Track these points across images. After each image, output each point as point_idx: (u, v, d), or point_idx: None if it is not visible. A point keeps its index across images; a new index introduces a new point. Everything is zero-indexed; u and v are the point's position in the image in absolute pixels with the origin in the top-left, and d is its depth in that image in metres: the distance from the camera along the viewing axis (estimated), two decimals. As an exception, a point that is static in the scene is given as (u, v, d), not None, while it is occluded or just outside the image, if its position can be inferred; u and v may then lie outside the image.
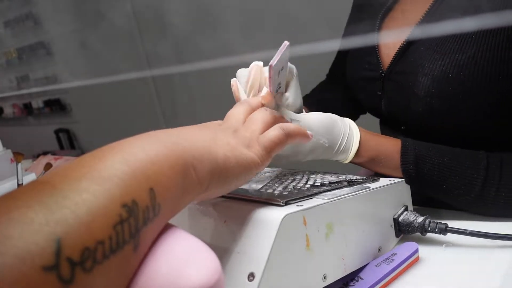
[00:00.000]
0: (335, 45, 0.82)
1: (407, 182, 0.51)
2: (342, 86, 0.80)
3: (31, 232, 0.20)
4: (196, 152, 0.30)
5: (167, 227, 0.28)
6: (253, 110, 0.41)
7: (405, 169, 0.51)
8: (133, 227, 0.24)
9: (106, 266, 0.22)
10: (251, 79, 0.45)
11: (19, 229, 0.19)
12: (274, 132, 0.37)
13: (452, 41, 0.54)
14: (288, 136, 0.38)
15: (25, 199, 0.21)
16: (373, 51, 0.66)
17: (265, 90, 0.43)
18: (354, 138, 0.51)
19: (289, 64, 0.48)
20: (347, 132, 0.50)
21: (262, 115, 0.39)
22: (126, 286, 0.25)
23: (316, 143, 0.48)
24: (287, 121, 0.44)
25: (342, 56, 0.80)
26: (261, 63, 0.46)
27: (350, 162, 0.53)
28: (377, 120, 0.77)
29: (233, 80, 0.46)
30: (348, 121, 0.52)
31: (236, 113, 0.40)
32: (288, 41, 0.42)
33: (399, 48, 0.61)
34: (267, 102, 0.43)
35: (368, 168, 0.54)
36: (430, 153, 0.52)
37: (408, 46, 0.60)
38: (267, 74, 0.43)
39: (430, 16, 0.59)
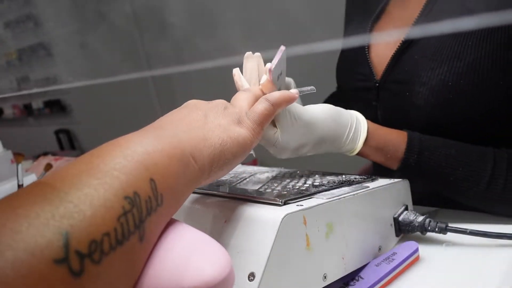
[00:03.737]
0: (334, 45, 0.82)
1: (407, 174, 0.50)
2: None
3: (38, 226, 0.20)
4: (192, 142, 0.31)
5: (175, 223, 0.29)
6: (255, 97, 0.41)
7: (406, 158, 0.51)
8: (137, 218, 0.24)
9: (113, 258, 0.22)
10: (248, 70, 0.45)
11: (26, 224, 0.20)
12: (260, 105, 0.39)
13: (449, 48, 0.53)
14: (275, 105, 0.39)
15: (28, 197, 0.22)
16: (364, 62, 0.64)
17: (265, 78, 0.43)
18: (362, 127, 0.51)
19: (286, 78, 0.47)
20: (354, 122, 0.50)
21: (246, 94, 0.41)
22: (135, 279, 0.25)
23: (322, 133, 0.47)
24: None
25: None
26: (257, 54, 0.46)
27: (356, 154, 0.52)
28: None
29: (235, 70, 0.46)
30: (354, 112, 0.52)
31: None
32: (287, 41, 0.42)
33: (391, 58, 0.59)
34: (267, 89, 0.43)
35: (374, 159, 0.53)
36: (437, 143, 0.51)
37: (400, 55, 0.58)
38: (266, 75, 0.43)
39: (421, 22, 0.57)
